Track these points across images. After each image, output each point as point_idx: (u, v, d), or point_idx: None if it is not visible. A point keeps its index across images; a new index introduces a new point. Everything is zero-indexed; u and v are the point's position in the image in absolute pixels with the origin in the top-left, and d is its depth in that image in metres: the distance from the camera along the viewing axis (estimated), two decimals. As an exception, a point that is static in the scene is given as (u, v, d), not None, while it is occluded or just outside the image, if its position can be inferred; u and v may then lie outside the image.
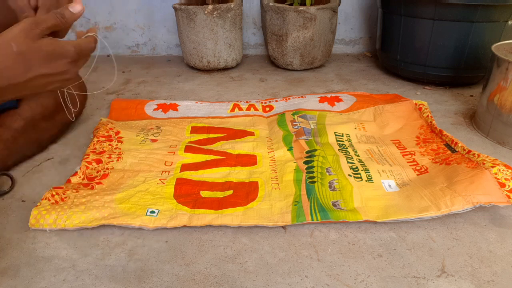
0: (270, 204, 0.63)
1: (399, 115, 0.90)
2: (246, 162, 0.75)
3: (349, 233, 0.59)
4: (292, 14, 1.17)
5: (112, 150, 0.76)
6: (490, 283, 0.51)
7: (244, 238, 0.58)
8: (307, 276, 0.52)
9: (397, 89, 1.14)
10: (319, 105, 0.97)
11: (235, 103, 0.99)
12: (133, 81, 1.22)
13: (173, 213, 0.61)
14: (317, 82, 1.20)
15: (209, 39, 1.20)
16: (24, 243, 0.57)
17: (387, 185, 0.67)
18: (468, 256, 0.55)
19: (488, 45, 0.88)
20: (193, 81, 1.22)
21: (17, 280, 0.51)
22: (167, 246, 0.57)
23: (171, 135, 0.84)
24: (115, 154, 0.75)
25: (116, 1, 1.40)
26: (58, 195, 0.63)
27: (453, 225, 0.61)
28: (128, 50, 1.49)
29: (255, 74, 1.28)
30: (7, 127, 0.73)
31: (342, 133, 0.84)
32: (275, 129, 0.87)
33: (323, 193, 0.65)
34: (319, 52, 1.26)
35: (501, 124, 0.83)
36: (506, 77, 0.79)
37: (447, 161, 0.71)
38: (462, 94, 1.10)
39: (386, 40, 1.21)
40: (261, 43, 1.48)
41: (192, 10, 1.16)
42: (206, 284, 0.50)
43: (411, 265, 0.53)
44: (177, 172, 0.71)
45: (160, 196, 0.64)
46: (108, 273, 0.52)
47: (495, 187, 0.60)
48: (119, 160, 0.73)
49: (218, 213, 0.61)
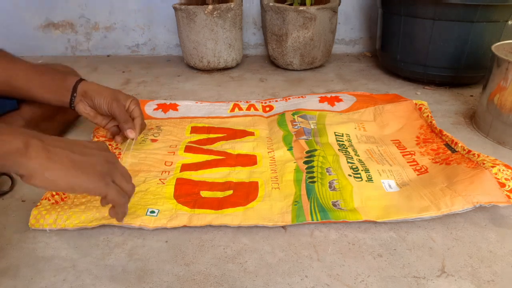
0: (270, 204, 0.63)
1: (399, 115, 0.90)
2: (246, 162, 0.75)
3: (349, 233, 0.59)
4: (292, 14, 1.17)
5: (112, 150, 0.76)
6: (490, 283, 0.51)
7: (244, 238, 0.58)
8: (307, 276, 0.52)
9: (397, 89, 1.14)
10: (319, 105, 0.97)
11: (235, 103, 0.99)
12: (133, 81, 1.22)
13: (173, 213, 0.61)
14: (317, 82, 1.20)
15: (209, 39, 1.20)
16: (24, 243, 0.57)
17: (387, 185, 0.67)
18: (468, 256, 0.55)
19: (488, 45, 0.88)
20: (193, 81, 1.22)
21: (17, 280, 0.51)
22: (167, 246, 0.57)
23: (171, 135, 0.84)
24: (115, 154, 0.75)
25: (116, 1, 1.40)
26: (58, 195, 0.63)
27: (453, 225, 0.61)
28: (128, 50, 1.49)
29: (255, 74, 1.28)
30: None
31: (342, 133, 0.84)
32: (275, 129, 0.87)
33: (323, 193, 0.65)
34: (319, 52, 1.25)
35: (501, 124, 0.83)
36: (506, 77, 0.79)
37: (447, 161, 0.71)
38: (462, 94, 1.10)
39: (386, 40, 1.21)
40: (261, 43, 1.48)
41: (192, 10, 1.16)
42: (206, 284, 0.50)
43: (411, 265, 0.53)
44: (177, 172, 0.71)
45: (160, 196, 0.64)
46: (108, 273, 0.52)
47: (495, 187, 0.60)
48: (119, 160, 0.73)
49: (218, 213, 0.61)
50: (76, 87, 0.71)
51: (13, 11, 1.40)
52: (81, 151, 0.45)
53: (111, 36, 1.46)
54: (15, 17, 1.41)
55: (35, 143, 0.41)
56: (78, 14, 1.42)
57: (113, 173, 0.47)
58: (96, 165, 0.46)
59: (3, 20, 1.40)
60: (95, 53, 1.48)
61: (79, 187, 0.44)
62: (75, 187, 0.43)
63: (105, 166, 0.46)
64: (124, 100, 0.73)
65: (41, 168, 0.41)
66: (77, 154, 0.44)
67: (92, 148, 0.48)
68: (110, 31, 1.45)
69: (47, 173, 0.41)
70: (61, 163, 0.42)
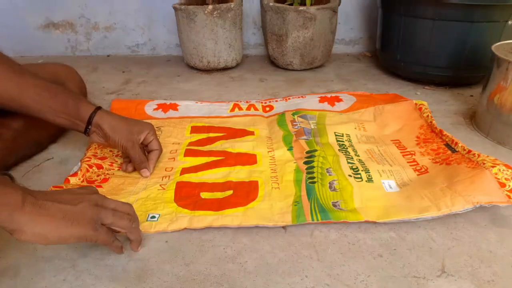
0: (270, 204, 0.63)
1: (399, 115, 0.90)
2: (245, 161, 0.75)
3: (349, 233, 0.59)
4: (292, 14, 1.17)
5: (113, 158, 0.76)
6: (490, 283, 0.51)
7: (244, 238, 0.58)
8: (307, 276, 0.52)
9: (397, 89, 1.14)
10: (319, 105, 0.97)
11: (235, 103, 0.99)
12: (133, 81, 1.22)
13: (173, 216, 0.61)
14: (317, 82, 1.20)
15: (209, 39, 1.20)
16: (24, 243, 0.57)
17: (387, 185, 0.67)
18: (468, 256, 0.55)
19: (488, 45, 0.87)
20: (193, 81, 1.22)
21: (17, 280, 0.51)
22: (167, 246, 0.57)
23: (171, 137, 0.84)
24: (117, 163, 0.75)
25: (116, 1, 1.40)
26: (58, 195, 0.63)
27: (453, 225, 0.61)
28: (128, 50, 1.49)
29: (255, 74, 1.28)
30: (7, 127, 0.72)
31: (342, 133, 0.84)
32: (275, 129, 0.87)
33: (323, 194, 0.65)
34: (319, 52, 1.26)
35: (501, 124, 0.83)
36: (506, 77, 0.79)
37: (447, 161, 0.71)
38: (462, 94, 1.10)
39: (386, 40, 1.21)
40: (261, 43, 1.47)
41: (192, 10, 1.16)
42: (206, 284, 0.50)
43: (411, 265, 0.53)
44: (177, 176, 0.71)
45: (161, 201, 0.64)
46: (108, 273, 0.52)
47: (495, 187, 0.60)
48: (120, 169, 0.73)
49: (218, 214, 0.61)
50: (91, 120, 0.68)
51: (13, 11, 1.40)
52: (69, 201, 0.47)
53: (111, 36, 1.46)
54: (15, 17, 1.41)
55: (29, 200, 0.43)
56: (78, 14, 1.42)
57: (102, 216, 0.48)
58: (86, 212, 0.47)
59: (3, 20, 1.40)
60: (95, 53, 1.48)
61: (70, 237, 0.45)
62: (66, 237, 0.45)
63: (94, 211, 0.48)
64: (139, 133, 0.71)
65: (33, 223, 0.43)
66: (67, 204, 0.46)
67: (81, 194, 0.49)
68: (110, 31, 1.45)
69: (38, 228, 0.43)
70: (52, 216, 0.44)
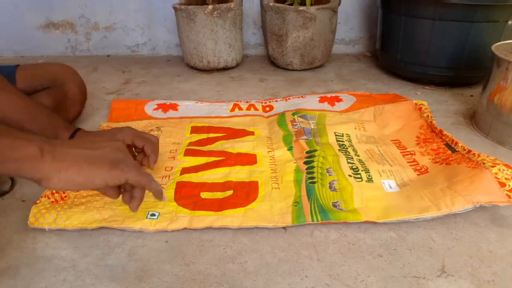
0: (270, 204, 0.63)
1: (399, 115, 0.90)
2: (245, 161, 0.75)
3: (349, 233, 0.59)
4: (292, 14, 1.17)
5: None
6: (490, 283, 0.51)
7: (244, 238, 0.58)
8: (307, 276, 0.52)
9: (397, 89, 1.14)
10: (319, 105, 0.97)
11: (235, 103, 0.99)
12: (133, 81, 1.22)
13: (173, 215, 0.61)
14: (317, 82, 1.20)
15: (209, 39, 1.20)
16: (24, 243, 0.57)
17: (388, 185, 0.67)
18: (468, 256, 0.55)
19: (488, 45, 0.87)
20: (193, 81, 1.22)
21: (17, 280, 0.51)
22: (167, 246, 0.57)
23: (171, 137, 0.84)
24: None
25: (116, 1, 1.40)
26: (58, 193, 0.63)
27: (453, 225, 0.61)
28: (128, 50, 1.49)
29: (255, 74, 1.28)
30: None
31: (342, 133, 0.84)
32: (275, 129, 0.87)
33: (323, 194, 0.65)
34: (319, 52, 1.25)
35: (501, 124, 0.83)
36: (506, 77, 0.79)
37: (447, 161, 0.71)
38: (462, 94, 1.10)
39: (386, 40, 1.21)
40: (261, 43, 1.47)
41: (192, 10, 1.16)
42: (206, 284, 0.50)
43: (411, 265, 0.53)
44: (177, 176, 0.71)
45: None
46: (108, 273, 0.52)
47: (495, 187, 0.60)
48: None
49: (218, 215, 0.61)
50: None
51: (13, 11, 1.40)
52: (90, 147, 0.46)
53: (111, 36, 1.46)
54: (15, 17, 1.41)
55: (48, 148, 0.43)
56: (78, 14, 1.42)
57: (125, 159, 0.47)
58: (108, 155, 0.46)
59: (3, 20, 1.40)
60: (95, 53, 1.48)
61: (96, 178, 0.44)
62: (93, 179, 0.44)
63: (116, 154, 0.47)
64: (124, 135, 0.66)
65: (56, 170, 0.42)
66: (86, 149, 0.45)
67: (101, 141, 0.48)
68: (110, 31, 1.45)
69: (63, 174, 0.42)
70: (73, 161, 0.43)
